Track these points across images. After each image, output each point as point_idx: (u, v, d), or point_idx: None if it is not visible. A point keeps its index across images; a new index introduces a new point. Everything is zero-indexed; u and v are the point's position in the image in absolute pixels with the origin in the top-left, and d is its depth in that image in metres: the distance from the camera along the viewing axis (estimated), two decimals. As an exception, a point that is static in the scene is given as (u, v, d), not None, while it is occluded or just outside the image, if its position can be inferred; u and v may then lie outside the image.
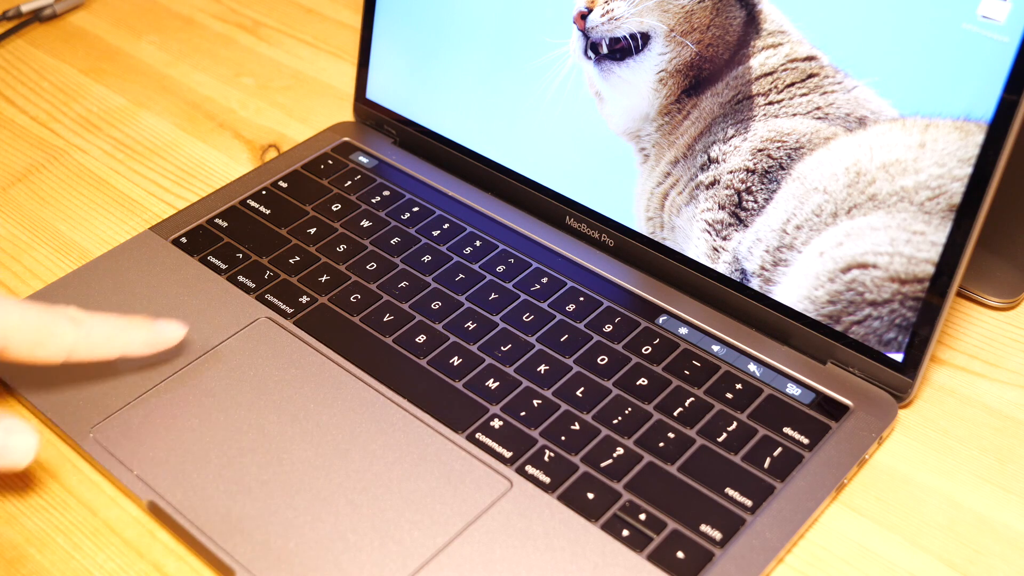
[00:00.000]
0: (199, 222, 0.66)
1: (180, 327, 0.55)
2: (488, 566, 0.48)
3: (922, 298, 0.52)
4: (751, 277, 0.58)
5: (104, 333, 0.52)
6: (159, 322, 0.54)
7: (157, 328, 0.54)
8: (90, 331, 0.52)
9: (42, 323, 0.50)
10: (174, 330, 0.55)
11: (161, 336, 0.54)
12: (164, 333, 0.54)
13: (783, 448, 0.52)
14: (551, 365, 0.57)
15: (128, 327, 0.53)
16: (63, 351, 0.51)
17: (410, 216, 0.66)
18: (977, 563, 0.50)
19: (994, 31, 0.48)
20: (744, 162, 0.57)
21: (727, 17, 0.56)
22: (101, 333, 0.52)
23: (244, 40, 0.85)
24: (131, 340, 0.53)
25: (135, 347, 0.53)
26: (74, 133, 0.76)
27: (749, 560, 0.48)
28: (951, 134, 0.50)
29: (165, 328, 0.54)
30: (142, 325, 0.54)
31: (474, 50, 0.66)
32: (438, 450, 0.52)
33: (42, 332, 0.50)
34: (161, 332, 0.54)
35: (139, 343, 0.54)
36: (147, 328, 0.54)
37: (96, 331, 0.52)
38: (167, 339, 0.54)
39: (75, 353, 0.51)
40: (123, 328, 0.53)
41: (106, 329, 0.52)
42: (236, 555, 0.48)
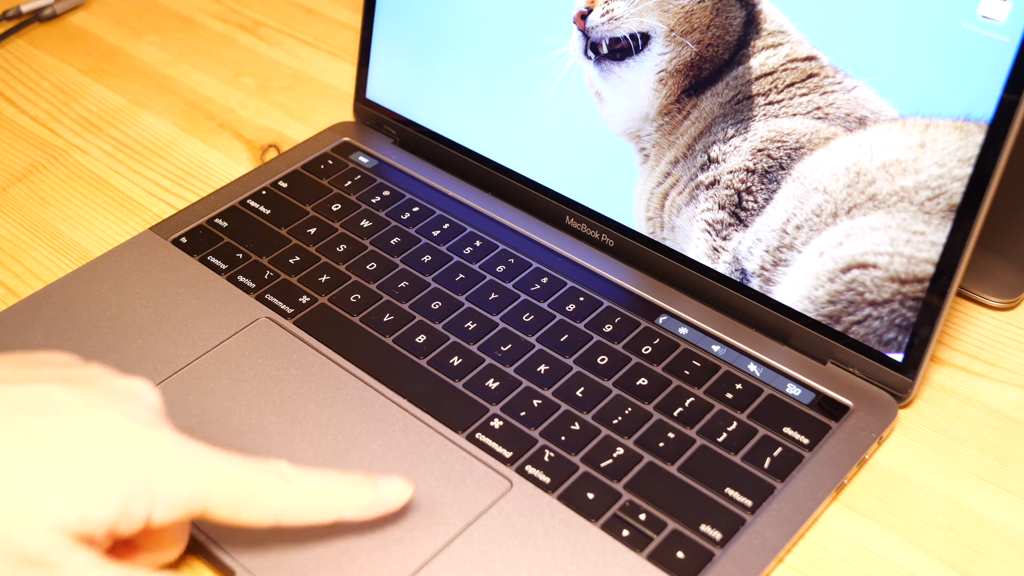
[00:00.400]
0: (199, 222, 0.66)
1: (406, 487, 0.48)
2: (488, 566, 0.48)
3: (922, 298, 0.52)
4: (751, 277, 0.58)
5: (320, 495, 0.45)
6: (382, 481, 0.47)
7: (380, 490, 0.47)
8: (304, 492, 0.45)
9: (251, 483, 0.43)
10: (399, 491, 0.47)
11: (384, 499, 0.47)
12: (388, 496, 0.47)
13: (783, 448, 0.52)
14: (551, 365, 0.57)
15: (347, 488, 0.46)
16: (271, 516, 0.44)
17: (410, 216, 0.66)
18: (977, 563, 0.50)
19: (994, 31, 0.48)
20: (744, 162, 0.57)
21: (727, 17, 0.56)
22: (316, 495, 0.45)
23: (244, 40, 0.85)
24: (350, 504, 0.46)
25: (353, 512, 0.46)
26: (74, 133, 0.76)
27: (749, 560, 0.48)
28: (951, 134, 0.50)
29: (389, 490, 0.47)
30: (363, 485, 0.46)
31: (474, 50, 0.66)
32: (438, 450, 0.52)
33: (250, 491, 0.43)
34: (385, 495, 0.47)
35: (358, 507, 0.46)
36: (369, 489, 0.47)
37: (311, 492, 0.45)
38: (390, 503, 0.47)
39: (284, 517, 0.44)
40: (341, 489, 0.46)
41: (322, 490, 0.45)
42: (236, 555, 0.48)
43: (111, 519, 0.41)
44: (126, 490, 0.41)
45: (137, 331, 0.58)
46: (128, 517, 0.41)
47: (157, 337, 0.58)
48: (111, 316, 0.59)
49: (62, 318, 0.59)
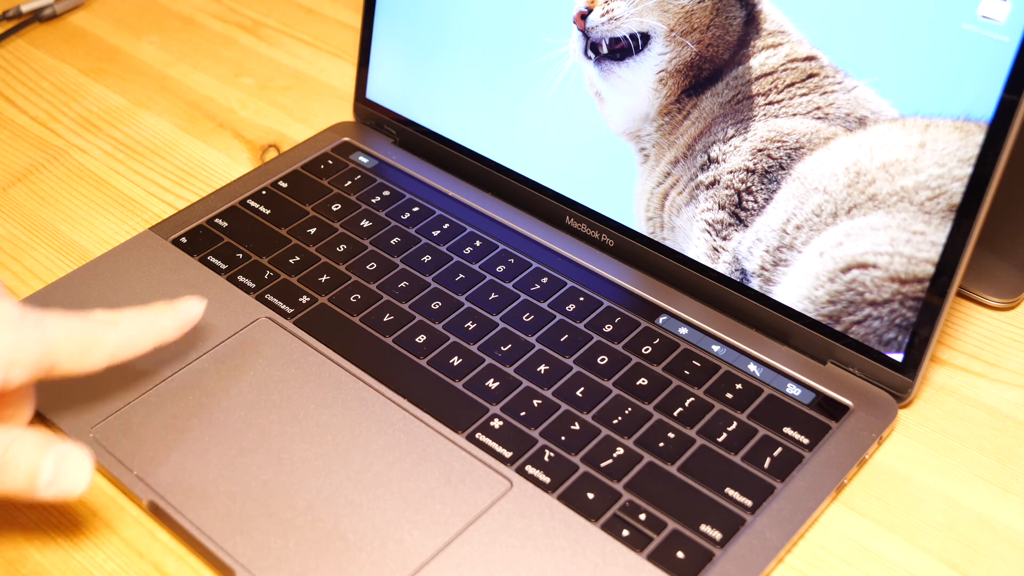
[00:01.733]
0: (199, 222, 0.66)
1: (198, 301, 0.53)
2: (488, 566, 0.48)
3: (922, 298, 0.52)
4: (751, 277, 0.58)
5: (138, 329, 0.50)
6: (178, 303, 0.53)
7: (179, 309, 0.52)
8: (126, 331, 0.50)
9: (84, 331, 0.48)
10: (194, 306, 0.53)
11: (186, 315, 0.52)
12: (187, 312, 0.53)
13: (783, 448, 0.52)
14: (551, 365, 0.57)
15: (155, 316, 0.51)
16: (107, 356, 0.49)
17: (410, 216, 0.66)
18: (977, 563, 0.50)
19: (994, 31, 0.48)
20: (744, 162, 0.57)
21: (727, 17, 0.56)
22: (135, 329, 0.50)
23: (244, 40, 0.85)
24: (162, 328, 0.51)
25: (167, 333, 0.52)
26: (74, 133, 0.76)
27: (749, 560, 0.48)
28: (951, 134, 0.50)
29: (186, 307, 0.53)
30: (166, 310, 0.52)
31: (474, 50, 0.66)
32: (438, 450, 0.52)
33: (86, 340, 0.48)
34: (184, 312, 0.52)
35: (170, 329, 0.52)
36: (171, 312, 0.52)
37: (131, 329, 0.50)
38: (192, 316, 0.53)
39: (117, 355, 0.49)
40: (151, 319, 0.51)
41: (138, 324, 0.50)
42: (236, 555, 0.48)
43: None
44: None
45: (137, 331, 0.58)
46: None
47: (157, 337, 0.58)
48: (111, 316, 0.59)
49: (62, 318, 0.59)
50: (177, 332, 0.52)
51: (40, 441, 0.46)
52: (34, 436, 0.46)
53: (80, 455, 0.46)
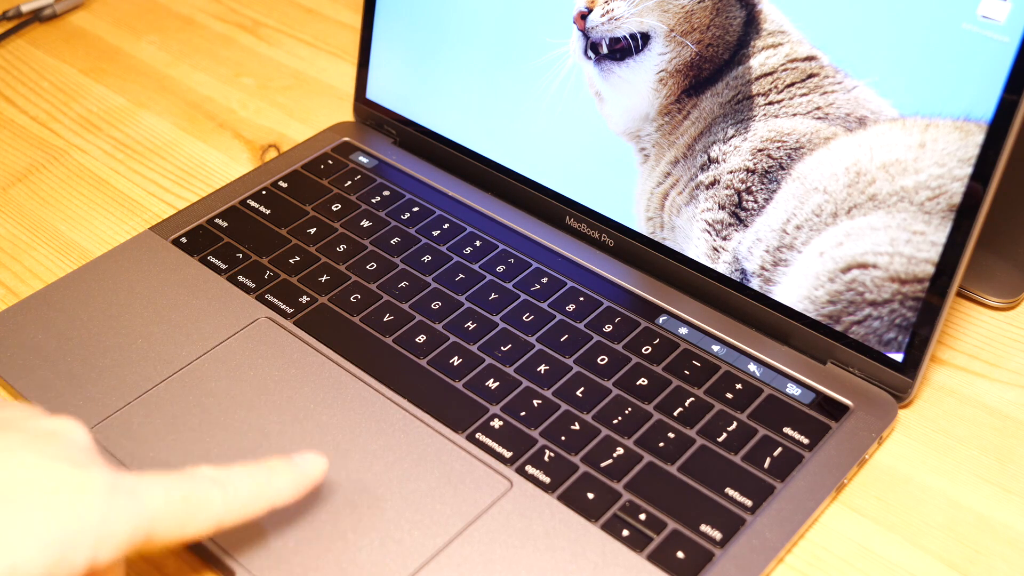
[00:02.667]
0: (199, 222, 0.66)
1: (320, 459, 0.48)
2: (488, 566, 0.48)
3: (922, 298, 0.52)
4: (751, 277, 0.58)
5: (250, 490, 0.45)
6: (298, 459, 0.48)
7: (299, 468, 0.47)
8: (236, 492, 0.45)
9: (186, 498, 0.43)
10: (316, 464, 0.48)
11: (306, 476, 0.47)
12: (307, 472, 0.48)
13: (783, 448, 0.52)
14: (551, 365, 0.57)
15: (271, 475, 0.46)
16: (212, 524, 0.44)
17: (410, 216, 0.66)
18: (977, 563, 0.50)
19: (994, 31, 0.48)
20: (744, 162, 0.57)
21: (727, 17, 0.56)
22: (247, 491, 0.45)
23: (244, 40, 0.85)
24: (279, 490, 0.46)
25: (284, 496, 0.47)
26: (74, 133, 0.76)
27: (749, 560, 0.48)
28: (951, 134, 0.50)
29: (306, 465, 0.48)
30: (283, 469, 0.47)
31: (474, 50, 0.66)
32: (438, 450, 0.52)
33: (188, 508, 0.43)
34: (304, 471, 0.47)
35: (287, 491, 0.47)
36: (289, 470, 0.47)
37: (242, 491, 0.45)
38: (311, 477, 0.48)
39: (225, 522, 0.44)
40: (267, 478, 0.46)
41: (251, 485, 0.45)
42: (236, 555, 0.48)
43: (46, 567, 0.39)
44: (60, 535, 0.39)
45: (137, 331, 0.58)
46: (67, 562, 0.39)
47: (157, 337, 0.58)
48: (111, 316, 0.59)
49: (62, 318, 0.59)
50: (296, 494, 0.47)
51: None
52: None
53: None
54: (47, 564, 0.39)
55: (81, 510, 0.40)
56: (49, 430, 0.42)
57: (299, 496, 0.47)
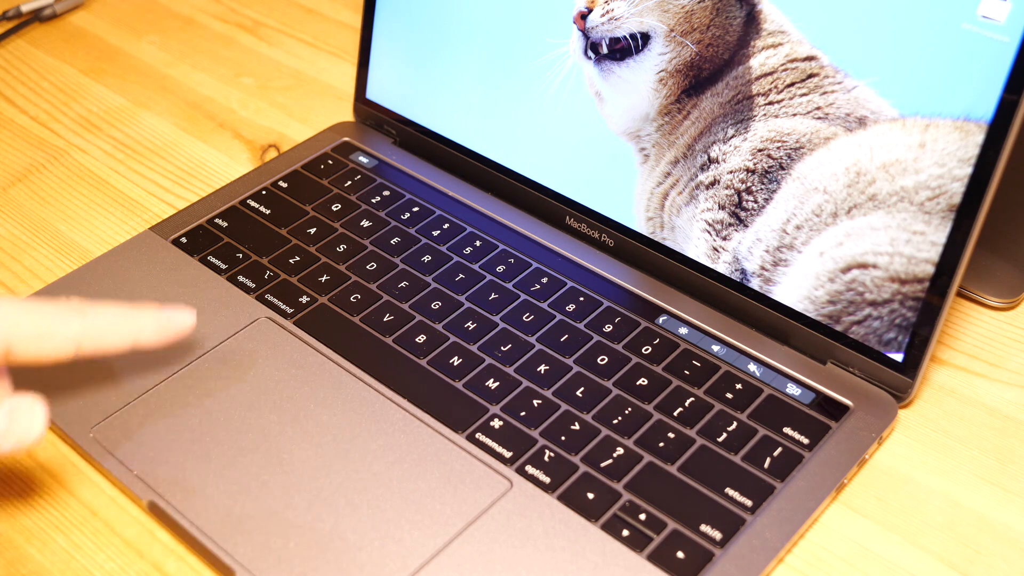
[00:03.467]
0: (199, 222, 0.66)
1: (190, 314, 0.51)
2: (488, 566, 0.48)
3: (922, 298, 0.52)
4: (751, 277, 0.58)
5: (111, 321, 0.49)
6: (168, 309, 0.51)
7: (167, 314, 0.51)
8: (96, 320, 0.48)
9: (44, 317, 0.47)
10: (184, 316, 0.51)
11: (171, 322, 0.51)
12: (174, 319, 0.51)
13: (783, 448, 0.52)
14: (551, 365, 0.57)
15: (136, 314, 0.50)
16: (70, 343, 0.48)
17: (410, 216, 0.66)
18: (977, 563, 0.50)
19: (994, 31, 0.48)
20: (744, 162, 0.57)
21: (727, 17, 0.56)
22: (108, 321, 0.49)
23: (244, 40, 0.85)
24: (141, 328, 0.50)
25: (146, 335, 0.50)
26: (74, 133, 0.76)
27: (749, 560, 0.48)
28: (951, 134, 0.50)
29: (175, 314, 0.51)
30: (150, 312, 0.50)
31: (474, 50, 0.66)
32: (438, 450, 0.52)
33: (45, 326, 0.47)
34: (171, 318, 0.51)
35: (150, 330, 0.50)
36: (156, 315, 0.50)
37: (103, 320, 0.49)
38: (178, 325, 0.51)
39: (83, 345, 0.48)
40: (131, 316, 0.50)
41: (113, 317, 0.49)
42: (236, 555, 0.48)
43: None
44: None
45: (137, 331, 0.58)
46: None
47: (157, 337, 0.58)
48: (111, 316, 0.59)
49: (62, 318, 0.59)
50: (158, 336, 0.50)
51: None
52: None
53: (32, 404, 0.46)
54: None
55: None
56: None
57: (162, 341, 0.50)
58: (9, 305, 0.47)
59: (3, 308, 0.47)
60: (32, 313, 0.47)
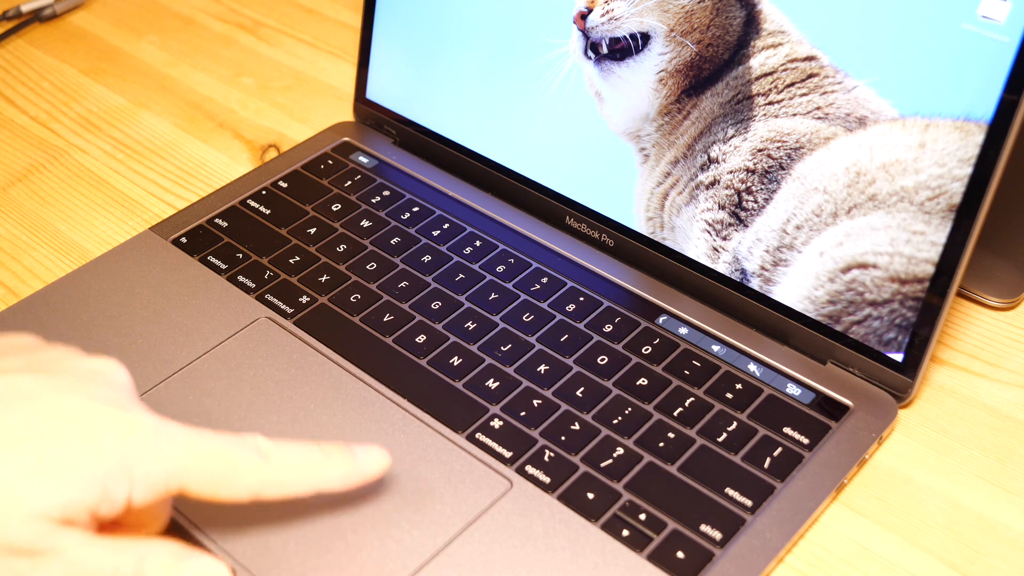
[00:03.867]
0: (199, 222, 0.66)
1: (383, 456, 0.47)
2: (488, 566, 0.48)
3: (922, 298, 0.52)
4: (751, 277, 0.58)
5: (297, 468, 0.45)
6: (359, 451, 0.47)
7: (358, 459, 0.47)
8: (282, 466, 0.45)
9: (229, 458, 0.43)
10: (377, 460, 0.47)
11: (362, 469, 0.47)
12: (366, 466, 0.47)
13: (783, 448, 0.52)
14: (551, 365, 0.57)
15: (325, 460, 0.46)
16: (250, 491, 0.44)
17: (410, 216, 0.66)
18: (977, 563, 0.50)
19: (994, 31, 0.48)
20: (744, 162, 0.57)
21: (727, 17, 0.56)
22: (294, 469, 0.45)
23: (244, 40, 0.85)
24: (328, 476, 0.46)
25: (332, 483, 0.46)
26: (74, 133, 0.76)
27: (749, 560, 0.48)
28: (951, 134, 0.50)
29: (367, 459, 0.47)
30: (340, 456, 0.46)
31: (474, 50, 0.66)
32: (438, 450, 0.52)
33: (229, 469, 0.43)
34: (362, 465, 0.47)
35: (337, 478, 0.46)
36: (346, 459, 0.46)
37: (288, 466, 0.45)
38: (368, 472, 0.47)
39: (264, 492, 0.44)
40: (319, 461, 0.46)
41: (299, 463, 0.45)
42: (236, 555, 0.48)
43: (92, 503, 0.41)
44: (104, 473, 0.41)
45: (137, 331, 0.58)
46: (109, 500, 0.41)
47: (157, 337, 0.58)
48: (111, 316, 0.59)
49: (62, 318, 0.59)
50: (345, 484, 0.46)
51: (177, 554, 0.42)
52: (170, 548, 0.42)
53: (218, 568, 0.43)
54: (95, 499, 0.41)
55: (125, 449, 0.42)
56: (92, 370, 0.44)
57: (350, 487, 0.47)
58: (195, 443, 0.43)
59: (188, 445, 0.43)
60: (215, 455, 0.43)
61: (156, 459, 0.42)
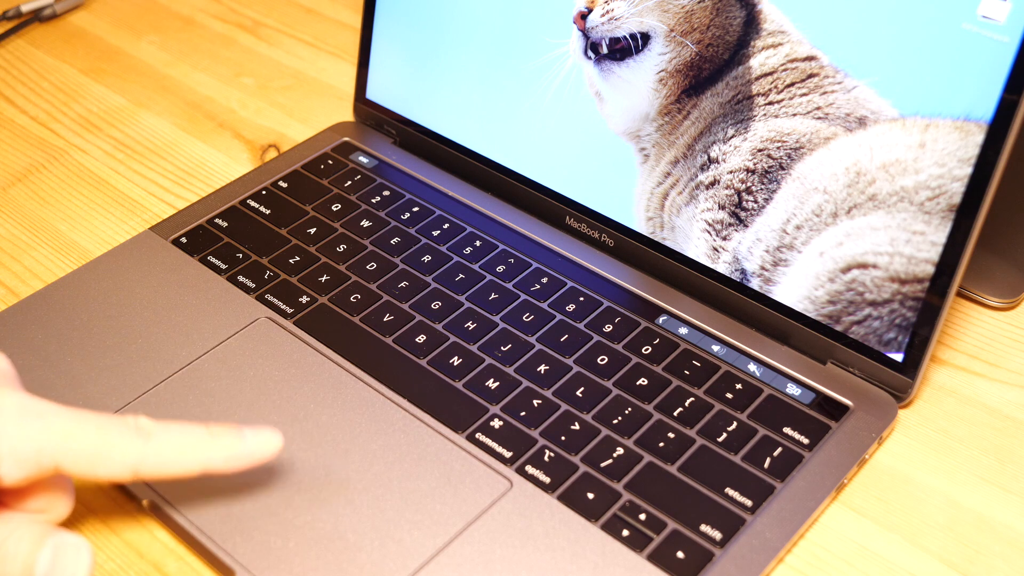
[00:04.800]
0: (199, 222, 0.66)
1: (274, 437, 0.47)
2: (488, 566, 0.48)
3: (922, 298, 0.52)
4: (751, 277, 0.58)
5: (179, 447, 0.45)
6: (248, 432, 0.47)
7: (246, 441, 0.46)
8: (161, 446, 0.45)
9: (103, 436, 0.44)
10: (267, 442, 0.47)
11: (250, 451, 0.46)
12: (254, 448, 0.47)
13: (783, 448, 0.52)
14: (551, 365, 0.57)
15: (209, 440, 0.46)
16: (127, 469, 0.44)
17: (410, 216, 0.66)
18: (977, 563, 0.50)
19: (994, 31, 0.48)
20: (744, 162, 0.57)
21: (727, 17, 0.56)
22: (175, 447, 0.45)
23: (244, 40, 0.85)
24: (212, 456, 0.46)
25: (217, 463, 0.46)
26: (74, 133, 0.76)
27: (749, 560, 0.48)
28: (951, 134, 0.50)
29: (256, 441, 0.47)
30: (227, 437, 0.46)
31: (474, 50, 0.66)
32: (438, 450, 0.52)
33: (102, 447, 0.44)
34: (251, 446, 0.46)
35: (222, 458, 0.46)
36: (232, 440, 0.46)
37: (168, 445, 0.45)
38: (256, 455, 0.47)
39: (142, 470, 0.45)
40: (202, 441, 0.46)
41: (180, 442, 0.45)
42: (236, 555, 0.48)
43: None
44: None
45: (137, 331, 0.58)
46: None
47: (157, 337, 0.58)
48: (111, 316, 0.59)
49: (62, 318, 0.59)
50: (232, 465, 0.46)
51: (39, 532, 0.43)
52: (33, 527, 0.43)
53: (79, 544, 0.43)
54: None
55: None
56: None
57: (237, 469, 0.47)
58: (66, 419, 0.44)
59: (58, 421, 0.44)
60: (89, 431, 0.44)
61: (23, 435, 0.43)
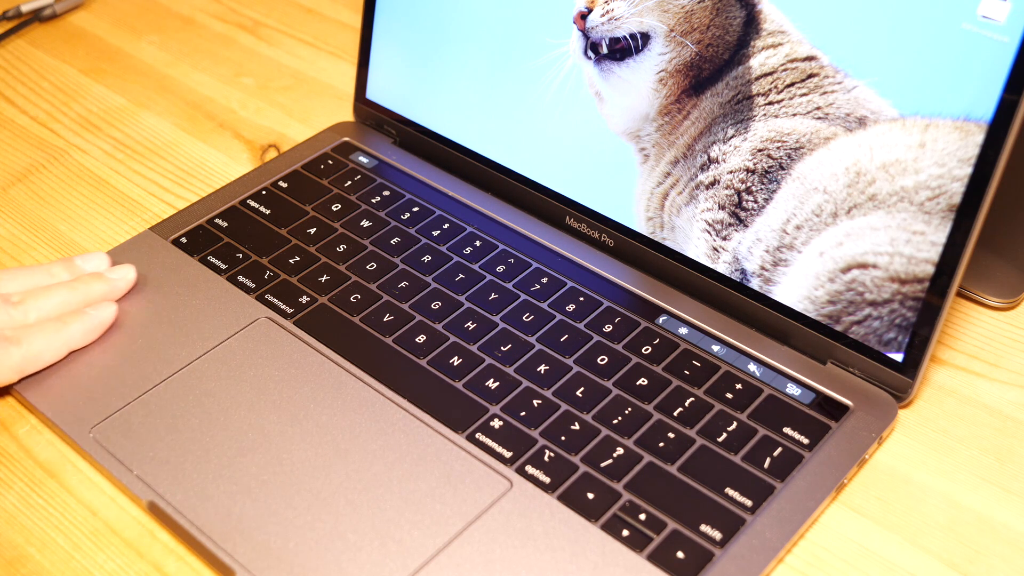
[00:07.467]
0: (199, 222, 0.66)
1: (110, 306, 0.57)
2: (488, 566, 0.48)
3: (922, 298, 0.52)
4: (751, 277, 0.58)
5: (46, 341, 0.54)
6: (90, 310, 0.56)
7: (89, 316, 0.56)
8: (32, 346, 0.54)
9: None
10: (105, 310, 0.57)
11: (98, 322, 0.56)
12: (98, 318, 0.56)
13: (783, 448, 0.52)
14: (551, 365, 0.57)
15: (63, 326, 0.55)
16: (13, 372, 0.53)
17: (410, 216, 0.66)
18: (977, 563, 0.50)
19: (994, 31, 0.48)
20: (744, 162, 0.57)
21: (727, 17, 0.56)
22: (43, 342, 0.54)
23: (244, 40, 0.85)
24: (72, 336, 0.55)
25: (78, 340, 0.56)
26: (74, 133, 0.76)
27: (749, 560, 0.48)
28: (951, 134, 0.50)
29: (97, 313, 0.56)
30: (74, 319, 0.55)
31: (474, 50, 0.66)
32: (438, 450, 0.52)
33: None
34: (95, 318, 0.56)
35: (79, 336, 0.56)
36: (81, 320, 0.55)
37: (38, 343, 0.54)
38: (102, 321, 0.56)
39: (25, 370, 0.54)
40: (60, 328, 0.55)
41: (45, 336, 0.54)
42: (236, 555, 0.48)
43: None
44: None
45: (137, 331, 0.58)
46: None
47: (157, 337, 0.58)
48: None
49: (62, 318, 0.59)
50: (91, 337, 0.56)
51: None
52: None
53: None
54: None
55: None
56: None
57: (94, 338, 0.56)
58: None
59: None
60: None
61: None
